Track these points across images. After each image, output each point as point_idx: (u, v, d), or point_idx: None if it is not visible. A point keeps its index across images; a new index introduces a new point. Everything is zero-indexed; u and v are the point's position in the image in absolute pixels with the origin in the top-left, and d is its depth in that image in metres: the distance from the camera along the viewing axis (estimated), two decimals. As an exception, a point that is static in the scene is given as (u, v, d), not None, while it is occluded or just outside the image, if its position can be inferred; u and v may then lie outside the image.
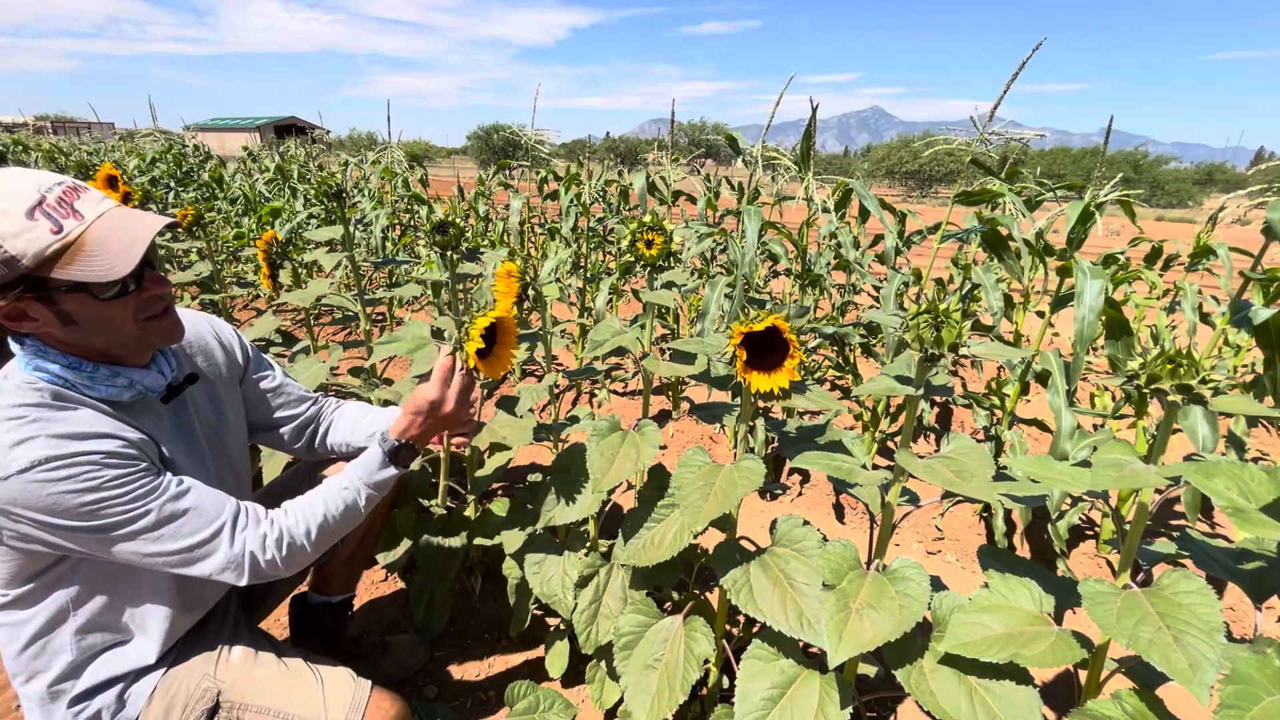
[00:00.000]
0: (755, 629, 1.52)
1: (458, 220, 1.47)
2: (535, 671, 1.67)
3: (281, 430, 1.30)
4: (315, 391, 1.39)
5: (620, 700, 1.37)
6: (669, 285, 1.38)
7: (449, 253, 1.47)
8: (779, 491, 2.64)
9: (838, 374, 3.32)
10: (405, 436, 1.13)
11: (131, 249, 0.85)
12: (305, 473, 1.39)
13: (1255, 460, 2.92)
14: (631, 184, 3.41)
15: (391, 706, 1.05)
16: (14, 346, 0.89)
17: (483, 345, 1.10)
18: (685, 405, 3.34)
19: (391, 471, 1.12)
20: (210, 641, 1.08)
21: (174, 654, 1.04)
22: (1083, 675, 1.00)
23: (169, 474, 0.94)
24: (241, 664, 1.06)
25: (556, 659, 1.58)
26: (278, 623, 1.77)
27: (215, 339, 1.18)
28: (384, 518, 1.53)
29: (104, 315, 0.87)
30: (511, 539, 1.56)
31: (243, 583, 0.96)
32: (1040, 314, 2.29)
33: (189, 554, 0.92)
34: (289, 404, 1.30)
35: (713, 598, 1.47)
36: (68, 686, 0.97)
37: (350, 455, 1.35)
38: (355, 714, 1.00)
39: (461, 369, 1.14)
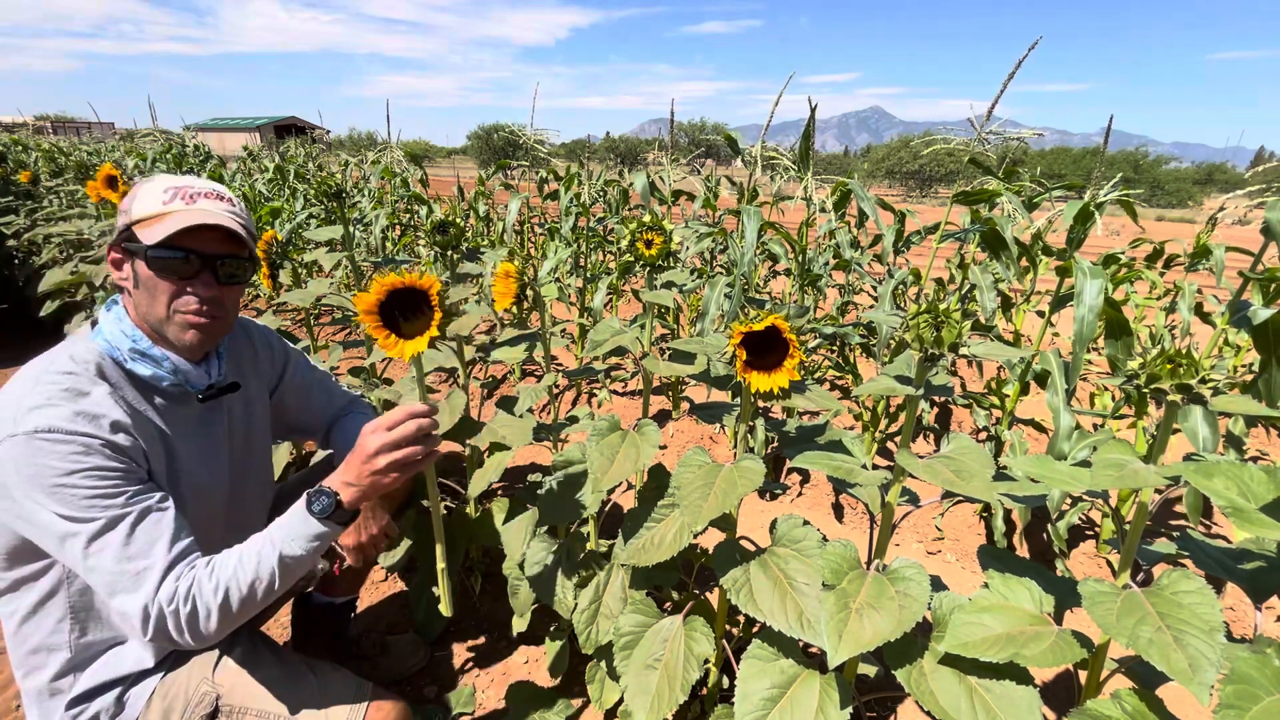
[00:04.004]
0: (755, 629, 1.52)
1: (457, 220, 1.47)
2: (535, 671, 1.67)
3: (305, 431, 1.38)
4: None
5: (620, 700, 1.37)
6: (669, 285, 1.38)
7: (449, 252, 1.47)
8: (779, 491, 2.64)
9: (838, 374, 3.32)
10: (340, 487, 0.95)
11: (177, 222, 0.93)
12: (322, 469, 1.40)
13: (1254, 460, 2.92)
14: (632, 184, 3.41)
15: (392, 709, 1.05)
16: (101, 314, 1.00)
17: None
18: (685, 405, 3.33)
19: (317, 528, 0.93)
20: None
21: (173, 657, 1.04)
22: (1083, 675, 1.00)
23: (154, 493, 0.91)
24: (240, 668, 1.05)
25: (556, 659, 1.58)
26: (278, 623, 1.77)
27: (264, 344, 1.25)
28: None
29: (148, 281, 0.96)
30: (512, 539, 1.56)
31: (145, 637, 0.87)
32: (1040, 314, 2.29)
33: (117, 578, 0.85)
34: (316, 406, 1.35)
35: (713, 598, 1.46)
36: (65, 685, 0.98)
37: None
38: (355, 717, 1.00)
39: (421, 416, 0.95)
